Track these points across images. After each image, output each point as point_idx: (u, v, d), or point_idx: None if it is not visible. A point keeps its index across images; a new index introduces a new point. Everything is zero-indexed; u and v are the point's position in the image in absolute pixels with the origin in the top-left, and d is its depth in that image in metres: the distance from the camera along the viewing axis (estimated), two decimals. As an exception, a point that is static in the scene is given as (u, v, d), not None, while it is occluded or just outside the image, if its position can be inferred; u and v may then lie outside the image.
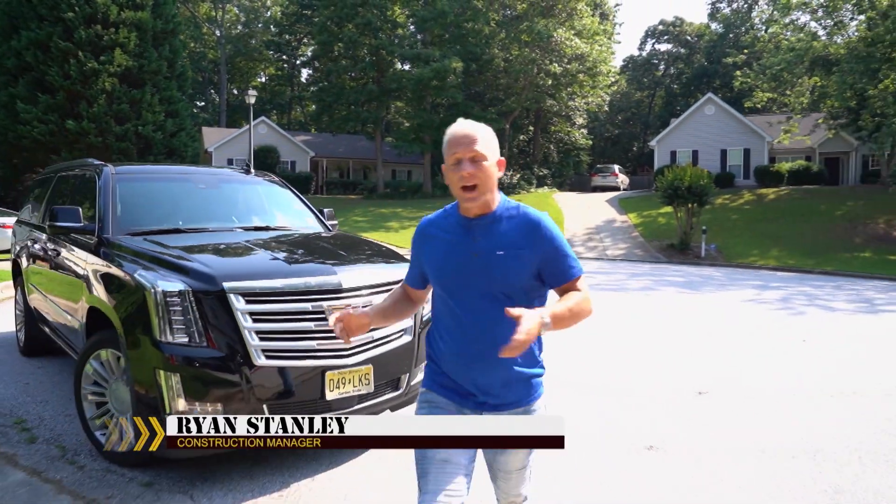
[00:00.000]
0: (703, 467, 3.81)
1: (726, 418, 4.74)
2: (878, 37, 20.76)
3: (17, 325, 6.45)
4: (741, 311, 10.44)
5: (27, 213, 6.55)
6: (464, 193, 1.91)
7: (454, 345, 1.97)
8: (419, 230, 2.12)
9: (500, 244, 1.92)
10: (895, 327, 8.98)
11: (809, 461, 3.90)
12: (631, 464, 3.88)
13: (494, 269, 1.90)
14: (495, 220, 1.96)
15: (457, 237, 1.98)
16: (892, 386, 5.67)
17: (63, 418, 4.43)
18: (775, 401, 5.20)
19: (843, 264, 19.41)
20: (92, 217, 4.32)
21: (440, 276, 1.99)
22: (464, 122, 1.96)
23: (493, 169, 1.94)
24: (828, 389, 5.54)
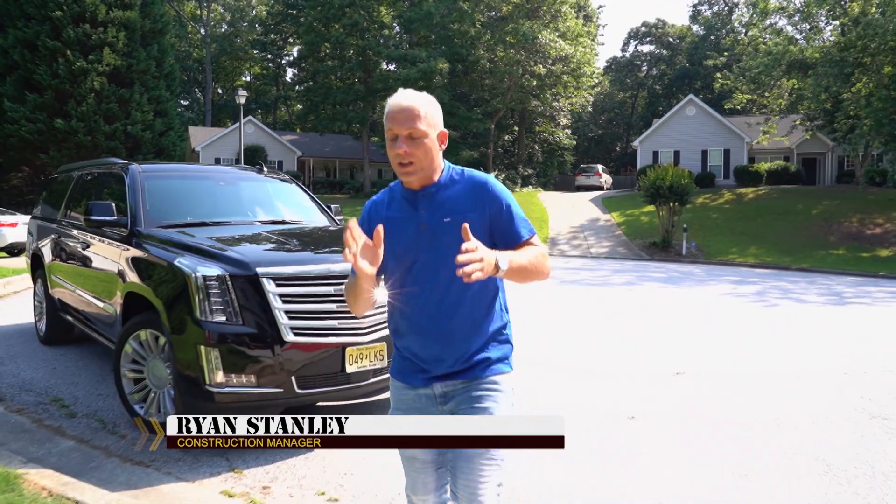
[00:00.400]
0: (680, 434, 4.28)
1: (701, 394, 5.22)
2: (850, 42, 21.52)
3: (36, 315, 6.79)
4: (718, 303, 11.00)
5: (44, 211, 6.89)
6: (399, 169, 1.85)
7: (409, 319, 1.91)
8: (366, 210, 2.04)
9: (446, 211, 1.86)
10: (859, 317, 9.57)
11: (774, 428, 4.39)
12: (614, 430, 4.35)
13: (443, 238, 1.83)
14: (440, 189, 1.90)
15: (404, 213, 1.92)
16: (850, 366, 6.19)
17: (96, 397, 4.81)
18: (746, 379, 5.70)
19: (818, 261, 20.12)
20: (122, 212, 4.71)
21: (395, 252, 1.88)
22: (404, 94, 1.87)
23: (434, 144, 1.86)
24: (793, 370, 6.06)
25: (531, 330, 7.55)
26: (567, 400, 5.01)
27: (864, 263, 19.51)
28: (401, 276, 1.90)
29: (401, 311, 1.93)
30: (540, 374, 5.72)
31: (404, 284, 1.90)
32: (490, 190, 1.88)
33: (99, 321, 4.97)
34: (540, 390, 5.23)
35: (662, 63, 64.89)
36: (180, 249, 4.00)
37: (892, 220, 24.96)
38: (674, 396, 5.16)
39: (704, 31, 61.62)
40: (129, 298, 4.27)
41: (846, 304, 10.92)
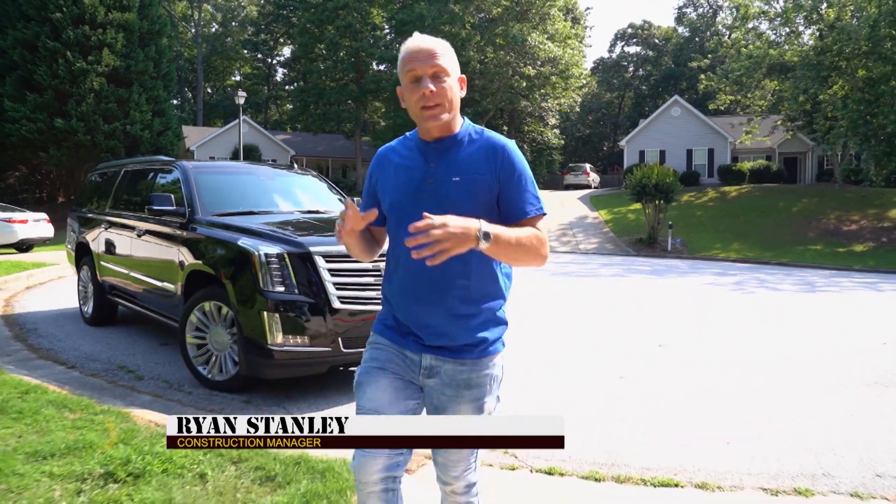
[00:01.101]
0: (663, 390, 5.04)
1: (681, 361, 5.99)
2: (827, 46, 22.50)
3: (80, 300, 7.45)
4: (699, 290, 11.83)
5: (86, 205, 7.55)
6: (424, 112, 1.74)
7: (402, 279, 1.81)
8: (376, 158, 1.94)
9: (456, 170, 1.76)
10: (825, 303, 10.41)
11: (740, 386, 5.16)
12: (606, 387, 5.10)
13: (448, 197, 1.74)
14: (455, 144, 1.79)
15: (413, 162, 1.81)
16: (808, 337, 7.00)
17: (154, 364, 5.51)
18: (722, 350, 6.48)
19: (797, 256, 21.04)
20: (177, 203, 5.40)
21: (392, 204, 1.81)
22: (421, 36, 1.80)
23: (456, 86, 1.80)
24: (761, 343, 6.85)
25: (524, 312, 8.30)
26: (563, 363, 5.76)
27: (841, 258, 20.46)
28: (399, 231, 1.78)
29: (394, 268, 1.85)
30: (538, 349, 6.46)
31: (400, 239, 1.77)
32: (507, 154, 1.78)
33: (156, 299, 5.66)
34: (539, 361, 5.98)
35: (648, 64, 65.98)
36: (239, 233, 4.71)
37: (867, 217, 25.99)
38: (657, 362, 5.92)
39: (689, 33, 62.81)
40: (191, 276, 4.96)
41: (816, 292, 11.79)
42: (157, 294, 5.61)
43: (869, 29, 20.40)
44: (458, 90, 1.80)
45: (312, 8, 36.47)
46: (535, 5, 36.52)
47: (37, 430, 3.42)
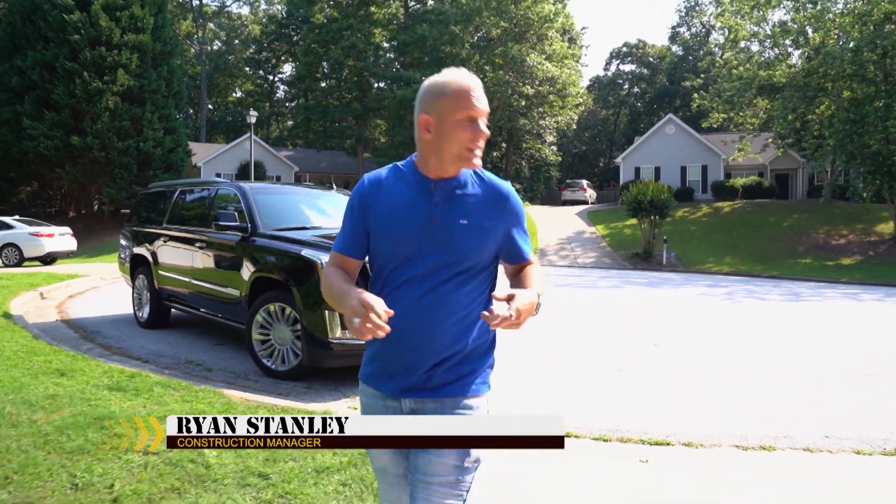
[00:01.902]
0: (659, 379, 5.88)
1: (674, 356, 6.84)
2: (813, 69, 23.58)
3: (134, 306, 8.27)
4: (691, 299, 12.70)
5: (139, 221, 8.40)
6: (470, 154, 1.71)
7: (395, 320, 1.63)
8: (366, 185, 1.81)
9: (464, 213, 1.72)
10: (806, 309, 11.29)
11: (724, 375, 6.01)
12: (606, 377, 5.95)
13: (457, 240, 1.70)
14: (460, 185, 1.75)
15: (414, 198, 1.74)
16: (785, 337, 7.86)
17: (219, 359, 6.33)
18: (710, 346, 7.33)
19: (787, 269, 21.96)
20: (234, 219, 6.24)
21: (395, 239, 1.72)
22: (467, 74, 1.75)
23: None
24: (742, 342, 7.71)
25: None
26: (566, 360, 6.60)
27: (829, 271, 21.38)
28: (391, 267, 1.73)
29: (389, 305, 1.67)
30: (542, 350, 7.31)
31: (392, 276, 1.72)
32: (512, 204, 1.80)
33: (218, 303, 6.50)
34: (546, 357, 6.82)
35: (643, 82, 67.34)
36: (299, 245, 5.56)
37: (855, 231, 26.98)
38: (652, 357, 6.77)
39: (683, 52, 64.20)
40: (255, 282, 5.81)
41: (800, 301, 12.69)
42: (219, 299, 6.45)
43: (852, 53, 21.49)
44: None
45: (317, 29, 37.60)
46: (533, 26, 37.69)
47: (156, 402, 4.26)
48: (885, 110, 21.90)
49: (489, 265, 1.77)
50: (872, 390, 5.56)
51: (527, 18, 36.38)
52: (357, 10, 37.04)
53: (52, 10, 26.85)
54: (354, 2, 37.51)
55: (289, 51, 61.72)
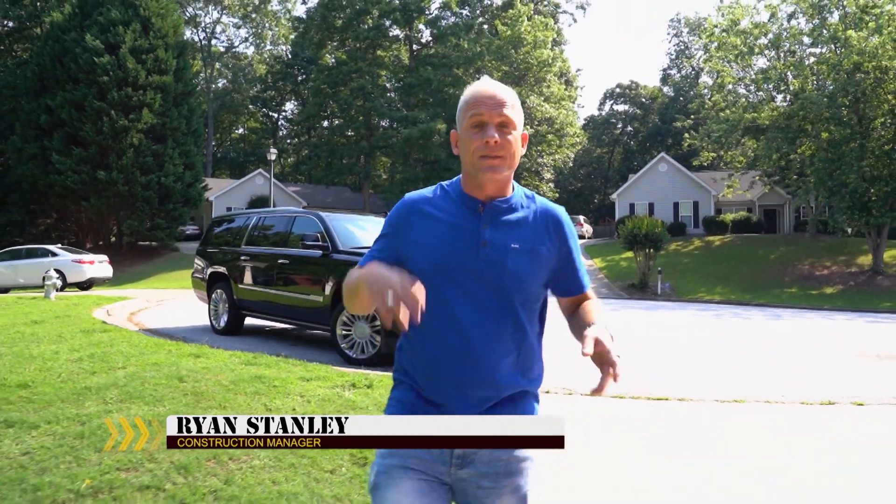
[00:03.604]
0: (656, 361, 7.32)
1: (667, 348, 8.28)
2: (794, 112, 25.53)
3: (210, 316, 9.66)
4: (681, 318, 14.19)
5: (215, 244, 9.87)
6: (484, 161, 1.53)
7: (436, 350, 1.56)
8: (406, 206, 1.65)
9: (515, 236, 1.56)
10: (783, 325, 12.79)
11: (707, 357, 7.46)
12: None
13: (506, 265, 1.54)
14: (510, 208, 1.60)
15: (461, 220, 1.58)
16: (762, 334, 9.33)
17: (301, 354, 7.73)
18: (697, 341, 8.78)
19: (774, 298, 23.49)
20: (317, 239, 7.72)
21: (438, 265, 1.56)
22: (490, 81, 1.61)
23: (519, 143, 1.59)
24: (727, 339, 9.18)
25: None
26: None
27: (812, 299, 22.93)
28: (434, 291, 1.50)
29: (427, 337, 1.58)
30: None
31: (435, 307, 1.50)
32: (566, 228, 1.65)
33: (299, 309, 7.93)
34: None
35: (636, 121, 69.87)
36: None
37: (837, 263, 28.63)
38: (649, 348, 8.22)
39: (674, 93, 66.90)
40: (338, 289, 7.26)
41: (779, 320, 14.22)
42: (302, 305, 7.88)
43: (828, 99, 23.44)
44: (521, 147, 1.61)
45: (327, 71, 39.66)
46: (532, 70, 39.85)
47: (285, 371, 5.69)
48: (859, 150, 23.76)
49: (540, 298, 1.65)
50: (816, 370, 7.03)
51: (526, 63, 38.55)
52: (365, 54, 39.14)
53: (83, 53, 28.69)
54: (363, 46, 39.63)
55: (293, 90, 64.02)
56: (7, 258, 19.27)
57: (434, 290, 1.50)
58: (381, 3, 38.04)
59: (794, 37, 27.15)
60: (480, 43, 39.31)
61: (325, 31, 40.00)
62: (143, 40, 29.68)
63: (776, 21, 27.60)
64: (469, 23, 41.21)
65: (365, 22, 39.17)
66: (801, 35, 26.91)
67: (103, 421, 4.08)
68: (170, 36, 31.14)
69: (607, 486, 3.59)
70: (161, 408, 4.42)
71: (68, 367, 5.72)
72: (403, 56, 43.75)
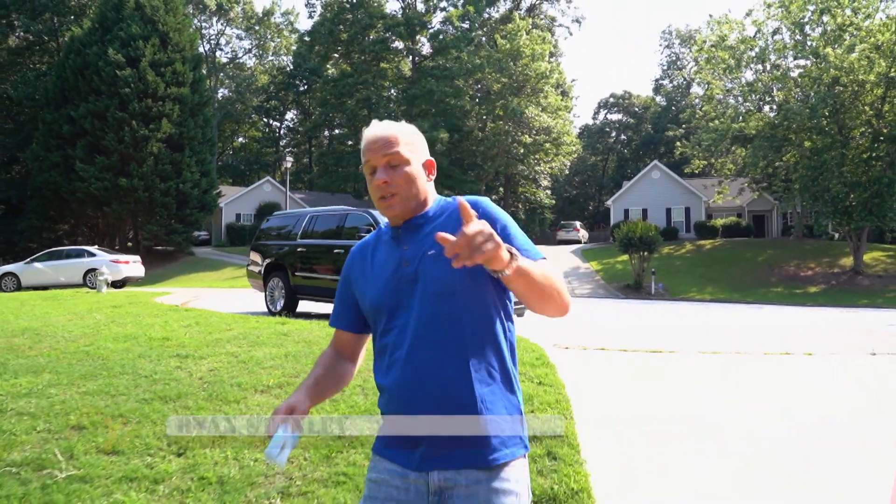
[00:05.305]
0: (652, 330, 8.83)
1: (659, 327, 9.80)
2: (779, 122, 27.27)
3: (267, 302, 11.11)
4: (673, 309, 15.74)
5: (270, 238, 11.36)
6: (381, 203, 1.60)
7: (397, 381, 1.55)
8: (349, 257, 1.75)
9: (431, 244, 1.55)
10: (762, 312, 14.34)
11: (692, 326, 8.98)
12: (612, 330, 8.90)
13: (427, 273, 1.54)
14: (427, 221, 1.61)
15: (387, 251, 1.64)
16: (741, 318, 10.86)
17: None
18: (684, 319, 10.30)
19: (761, 297, 25.06)
20: (368, 231, 9.22)
21: (373, 300, 1.62)
22: (378, 124, 1.63)
23: (419, 171, 1.61)
24: (707, 322, 10.71)
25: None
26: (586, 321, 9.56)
27: (797, 298, 24.52)
28: (384, 326, 1.59)
29: (385, 367, 1.60)
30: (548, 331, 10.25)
31: (386, 335, 1.58)
32: (482, 208, 1.57)
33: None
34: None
35: (629, 130, 71.72)
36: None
37: (821, 264, 30.30)
38: (648, 330, 9.74)
39: (666, 103, 68.79)
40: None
41: (762, 310, 15.80)
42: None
43: (809, 110, 25.17)
44: (424, 175, 1.62)
45: (333, 82, 41.31)
46: (530, 81, 41.56)
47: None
48: (840, 158, 25.45)
49: (485, 293, 1.55)
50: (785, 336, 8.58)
51: (525, 75, 40.25)
52: (370, 67, 40.81)
53: (105, 66, 30.14)
54: (367, 59, 41.30)
55: (294, 100, 65.59)
56: (48, 258, 20.67)
57: (380, 320, 1.60)
58: (385, 18, 39.75)
59: (779, 51, 28.93)
60: (480, 55, 41.05)
61: (330, 43, 41.67)
62: (161, 54, 31.14)
63: (762, 36, 29.40)
64: (469, 36, 42.99)
65: (370, 35, 40.86)
66: (785, 49, 28.70)
67: (252, 354, 5.59)
68: (186, 50, 32.63)
69: (622, 400, 5.12)
70: (284, 349, 5.92)
71: (188, 331, 7.20)
72: (405, 68, 45.42)
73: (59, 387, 4.68)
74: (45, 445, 3.59)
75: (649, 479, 3.45)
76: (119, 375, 4.98)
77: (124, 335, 6.84)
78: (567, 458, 3.28)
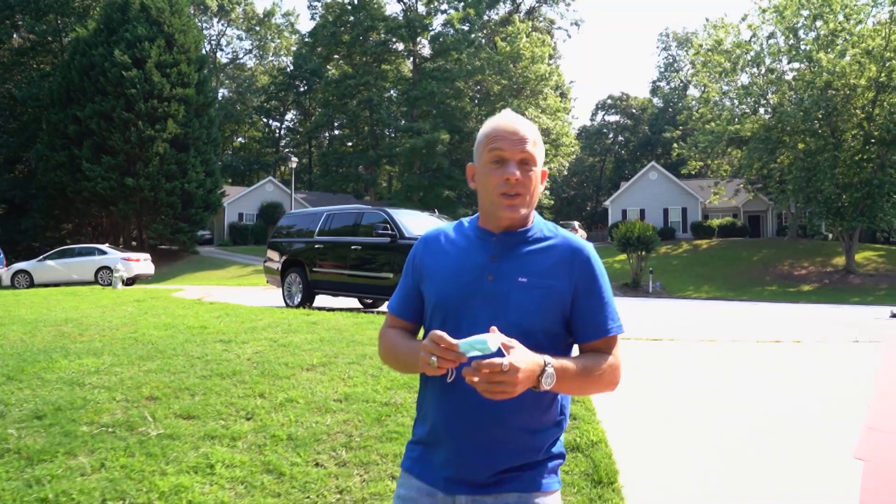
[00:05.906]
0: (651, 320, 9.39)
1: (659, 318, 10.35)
2: (773, 124, 27.91)
3: (285, 296, 11.62)
4: (670, 305, 16.31)
5: (287, 236, 11.87)
6: (503, 199, 1.50)
7: (441, 393, 1.50)
8: (423, 240, 1.67)
9: (525, 270, 1.50)
10: (760, 308, 14.91)
11: (688, 318, 9.53)
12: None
13: (510, 299, 1.47)
14: (525, 241, 1.54)
15: (470, 252, 1.55)
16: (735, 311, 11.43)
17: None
18: (682, 312, 10.85)
19: (756, 294, 25.69)
20: (386, 228, 9.74)
21: (440, 297, 1.53)
22: (511, 115, 1.58)
23: (539, 180, 1.56)
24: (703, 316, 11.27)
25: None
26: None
27: (790, 296, 25.14)
28: (436, 326, 1.48)
29: (432, 382, 1.53)
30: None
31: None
32: (586, 259, 1.54)
33: (369, 285, 9.94)
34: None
35: (627, 131, 72.35)
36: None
37: (815, 263, 30.94)
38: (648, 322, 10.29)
39: (663, 104, 69.48)
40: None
41: (756, 306, 16.39)
42: (373, 283, 9.89)
43: (803, 113, 25.81)
44: (540, 185, 1.57)
45: (334, 83, 41.81)
46: (530, 83, 42.15)
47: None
48: (832, 160, 26.10)
49: (558, 338, 1.52)
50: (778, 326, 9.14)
51: (524, 77, 40.84)
52: (371, 68, 41.35)
53: (111, 67, 30.56)
54: (369, 60, 41.83)
55: (295, 100, 66.05)
56: (59, 256, 21.15)
57: (438, 322, 1.51)
58: (387, 20, 40.28)
59: (774, 55, 29.59)
60: (480, 57, 41.62)
61: (332, 45, 42.18)
62: (167, 55, 31.58)
63: (757, 40, 30.06)
64: (469, 38, 43.55)
65: (371, 37, 41.40)
66: (779, 53, 29.36)
67: (290, 339, 6.12)
68: (191, 51, 33.06)
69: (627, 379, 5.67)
70: (317, 335, 6.45)
71: (222, 321, 7.72)
72: (405, 70, 45.97)
73: (122, 366, 5.20)
74: (129, 412, 4.12)
75: (653, 435, 4.02)
76: (173, 357, 5.50)
77: (163, 324, 7.36)
78: (586, 418, 3.85)
